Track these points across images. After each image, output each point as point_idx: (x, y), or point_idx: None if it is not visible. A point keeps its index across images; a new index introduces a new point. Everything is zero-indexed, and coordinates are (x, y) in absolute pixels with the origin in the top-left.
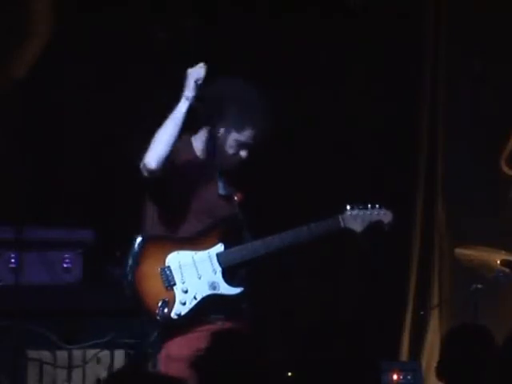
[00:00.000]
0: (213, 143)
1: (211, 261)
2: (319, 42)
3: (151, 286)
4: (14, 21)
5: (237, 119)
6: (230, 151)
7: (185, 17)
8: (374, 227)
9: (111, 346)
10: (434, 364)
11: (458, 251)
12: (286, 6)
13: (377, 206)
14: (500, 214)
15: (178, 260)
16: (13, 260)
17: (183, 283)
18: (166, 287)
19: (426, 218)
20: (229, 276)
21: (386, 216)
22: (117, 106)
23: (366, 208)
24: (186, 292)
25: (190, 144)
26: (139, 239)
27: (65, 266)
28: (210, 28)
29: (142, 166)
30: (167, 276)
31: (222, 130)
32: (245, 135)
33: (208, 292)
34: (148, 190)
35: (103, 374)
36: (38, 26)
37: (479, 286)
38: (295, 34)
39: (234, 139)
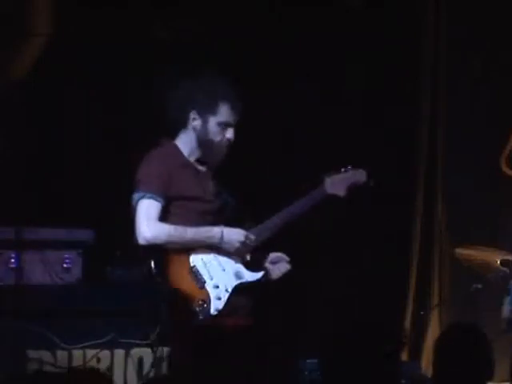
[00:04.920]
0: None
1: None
2: (318, 42)
3: (185, 289)
4: (14, 21)
5: (208, 101)
6: (216, 137)
7: (185, 17)
8: (353, 189)
9: (111, 346)
10: None
11: (458, 251)
12: (286, 5)
13: (349, 167)
14: (500, 213)
15: (200, 258)
16: (13, 260)
17: (212, 279)
18: (199, 287)
19: (426, 217)
20: (248, 262)
21: (361, 175)
22: (117, 106)
23: (341, 171)
24: (217, 287)
25: (177, 148)
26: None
27: (65, 266)
28: (210, 28)
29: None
30: (196, 276)
31: (199, 121)
32: (222, 114)
33: (235, 282)
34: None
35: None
36: (37, 26)
37: (479, 286)
38: (295, 33)
39: (214, 123)
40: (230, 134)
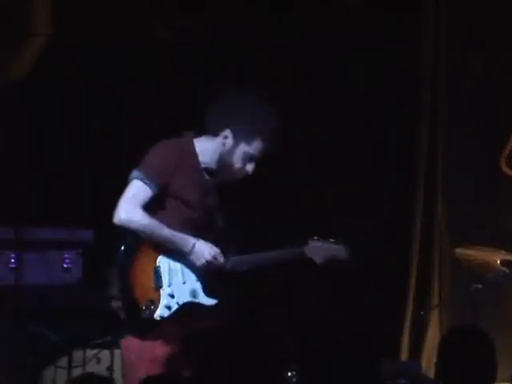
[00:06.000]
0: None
1: (195, 268)
2: (318, 42)
3: (141, 283)
4: (14, 21)
5: (247, 130)
6: (238, 164)
7: (185, 17)
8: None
9: (111, 346)
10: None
11: (458, 251)
12: (286, 5)
13: (332, 240)
14: (500, 213)
15: (168, 262)
16: (13, 260)
17: (169, 286)
18: (154, 288)
19: (426, 217)
20: (208, 286)
21: (340, 251)
22: (117, 106)
23: (326, 241)
24: (172, 296)
25: (193, 148)
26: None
27: (65, 266)
28: (210, 28)
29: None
30: (157, 277)
31: (230, 141)
32: (254, 147)
33: (188, 299)
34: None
35: (103, 374)
36: (37, 26)
37: (479, 286)
38: (295, 33)
39: (242, 151)
40: (250, 166)
